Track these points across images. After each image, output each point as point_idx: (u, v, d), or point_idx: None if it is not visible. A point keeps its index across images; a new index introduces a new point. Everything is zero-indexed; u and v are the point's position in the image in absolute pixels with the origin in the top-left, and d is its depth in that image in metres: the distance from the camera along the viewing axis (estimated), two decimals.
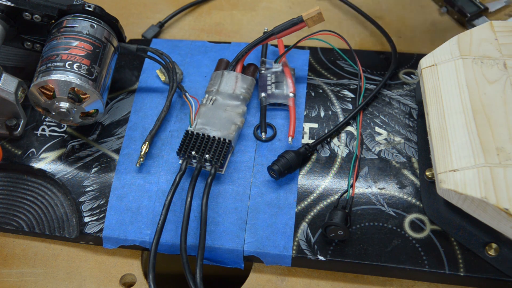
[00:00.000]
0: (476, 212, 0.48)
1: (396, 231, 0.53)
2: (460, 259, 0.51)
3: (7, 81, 0.56)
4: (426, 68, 0.54)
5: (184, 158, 0.55)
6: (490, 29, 0.55)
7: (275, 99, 0.60)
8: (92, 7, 0.57)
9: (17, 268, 0.54)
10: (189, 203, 0.52)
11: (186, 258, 0.50)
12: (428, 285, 0.52)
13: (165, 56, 0.61)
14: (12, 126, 0.59)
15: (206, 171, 0.55)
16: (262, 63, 0.61)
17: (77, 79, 0.54)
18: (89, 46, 0.56)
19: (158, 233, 0.51)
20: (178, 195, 0.55)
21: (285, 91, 0.60)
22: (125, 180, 0.57)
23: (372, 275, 0.53)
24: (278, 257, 0.53)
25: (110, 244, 0.54)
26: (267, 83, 0.60)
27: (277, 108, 0.60)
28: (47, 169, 0.58)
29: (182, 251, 0.50)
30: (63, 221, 0.56)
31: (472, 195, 0.46)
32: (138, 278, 0.54)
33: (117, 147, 0.59)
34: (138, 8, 0.72)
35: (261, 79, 0.61)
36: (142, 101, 0.62)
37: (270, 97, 0.60)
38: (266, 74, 0.61)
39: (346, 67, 0.63)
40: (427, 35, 0.69)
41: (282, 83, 0.60)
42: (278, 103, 0.60)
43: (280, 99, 0.59)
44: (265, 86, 0.60)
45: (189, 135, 0.56)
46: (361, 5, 0.72)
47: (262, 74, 0.61)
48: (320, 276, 0.53)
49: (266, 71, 0.61)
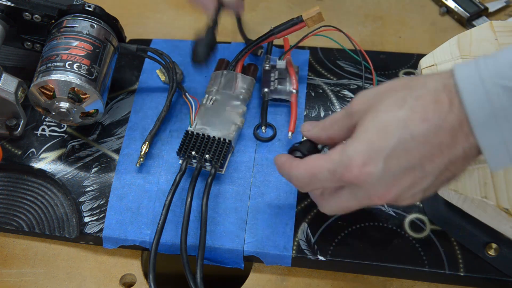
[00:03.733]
0: (476, 212, 0.48)
1: (396, 231, 0.53)
2: (460, 259, 0.51)
3: (7, 81, 0.56)
4: (426, 68, 0.54)
5: (184, 158, 0.55)
6: (490, 29, 0.55)
7: (278, 94, 0.60)
8: (92, 7, 0.57)
9: (17, 268, 0.54)
10: (189, 203, 0.52)
11: (187, 258, 0.50)
12: (428, 285, 0.52)
13: (165, 56, 0.61)
14: (12, 126, 0.59)
15: (206, 171, 0.55)
16: (266, 59, 0.61)
17: (77, 79, 0.54)
18: (89, 46, 0.56)
19: (158, 233, 0.51)
20: (178, 195, 0.55)
21: (288, 87, 0.60)
22: (125, 180, 0.57)
23: (372, 275, 0.53)
24: (278, 257, 0.53)
25: (110, 244, 0.54)
26: (270, 79, 0.60)
27: (279, 105, 0.60)
28: (47, 169, 0.58)
29: (182, 251, 0.50)
30: (63, 221, 0.56)
31: (472, 195, 0.46)
32: (138, 278, 0.54)
33: (117, 147, 0.59)
34: (138, 8, 0.72)
35: (264, 74, 0.61)
36: (142, 101, 0.62)
37: (272, 92, 0.60)
38: (270, 70, 0.61)
39: (346, 67, 0.63)
40: (427, 35, 0.69)
41: (285, 80, 0.60)
42: (280, 99, 0.60)
43: (283, 94, 0.60)
44: (268, 81, 0.60)
45: (189, 135, 0.56)
46: (361, 5, 0.72)
47: (266, 70, 0.61)
48: (320, 276, 0.53)
49: (270, 68, 0.61)
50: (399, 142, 0.39)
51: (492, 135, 0.37)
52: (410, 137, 0.39)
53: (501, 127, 0.37)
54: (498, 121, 0.36)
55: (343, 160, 0.41)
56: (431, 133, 0.38)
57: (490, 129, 0.37)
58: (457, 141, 0.38)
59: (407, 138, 0.39)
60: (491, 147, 0.38)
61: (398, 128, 0.39)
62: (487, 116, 0.37)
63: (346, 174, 0.40)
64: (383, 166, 0.39)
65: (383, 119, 0.40)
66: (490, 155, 0.38)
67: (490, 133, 0.37)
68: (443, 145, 0.38)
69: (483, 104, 0.37)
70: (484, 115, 0.37)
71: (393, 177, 0.40)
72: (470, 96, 0.37)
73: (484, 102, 0.37)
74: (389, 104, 0.40)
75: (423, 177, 0.40)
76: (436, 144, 0.38)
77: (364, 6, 0.72)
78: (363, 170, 0.40)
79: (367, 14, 0.71)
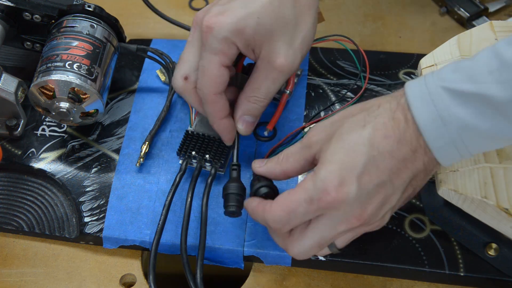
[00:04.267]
0: (476, 212, 0.48)
1: (396, 231, 0.53)
2: (460, 259, 0.51)
3: (7, 81, 0.56)
4: (426, 68, 0.54)
5: (184, 158, 0.55)
6: (490, 29, 0.55)
7: None
8: (92, 7, 0.57)
9: (17, 268, 0.54)
10: (189, 203, 0.52)
11: (187, 258, 0.50)
12: (428, 285, 0.52)
13: (165, 56, 0.61)
14: (12, 126, 0.59)
15: (206, 171, 0.55)
16: None
17: (77, 79, 0.54)
18: (89, 46, 0.56)
19: (158, 233, 0.51)
20: (178, 195, 0.55)
21: (283, 87, 0.60)
22: (125, 180, 0.57)
23: (372, 275, 0.53)
24: (278, 257, 0.53)
25: (110, 244, 0.54)
26: None
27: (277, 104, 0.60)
28: (47, 169, 0.58)
29: (182, 251, 0.50)
30: (63, 221, 0.56)
31: (472, 195, 0.46)
32: (138, 278, 0.54)
33: (117, 147, 0.59)
34: (138, 8, 0.72)
35: None
36: (142, 101, 0.62)
37: None
38: None
39: (346, 67, 0.63)
40: (427, 35, 0.69)
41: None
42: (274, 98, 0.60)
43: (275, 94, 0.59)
44: None
45: (189, 135, 0.56)
46: (361, 5, 0.72)
47: None
48: (320, 276, 0.53)
49: None
50: (369, 159, 0.40)
51: (440, 137, 0.39)
52: (378, 153, 0.40)
53: (448, 127, 0.39)
54: (444, 121, 0.39)
55: (317, 185, 0.41)
56: (395, 148, 0.40)
57: (438, 131, 0.39)
58: (417, 155, 0.40)
59: (375, 155, 0.40)
60: (441, 148, 0.40)
61: (365, 145, 0.40)
62: (434, 119, 0.39)
63: (323, 198, 0.40)
64: (357, 185, 0.40)
65: (349, 140, 0.41)
66: (440, 156, 0.40)
67: (438, 134, 0.39)
68: (407, 160, 0.40)
69: (430, 108, 0.39)
70: (431, 119, 0.39)
71: (367, 194, 0.41)
72: (418, 104, 0.39)
73: (430, 107, 0.39)
74: (351, 126, 0.42)
75: (392, 193, 0.41)
76: (401, 159, 0.40)
77: (364, 6, 0.72)
78: (340, 190, 0.40)
79: (367, 14, 0.71)
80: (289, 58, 0.49)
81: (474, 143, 0.39)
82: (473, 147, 0.40)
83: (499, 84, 0.37)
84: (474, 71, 0.38)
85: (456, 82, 0.38)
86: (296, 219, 0.42)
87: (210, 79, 0.48)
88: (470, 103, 0.38)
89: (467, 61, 0.39)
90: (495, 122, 0.38)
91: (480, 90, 0.37)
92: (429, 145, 0.40)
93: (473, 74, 0.38)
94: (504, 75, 0.36)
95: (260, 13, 0.47)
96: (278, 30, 0.48)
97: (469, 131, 0.38)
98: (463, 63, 0.39)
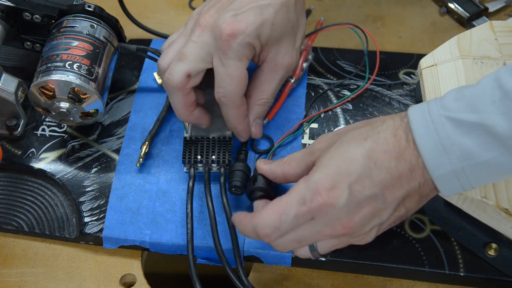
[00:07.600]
0: (476, 212, 0.48)
1: (396, 231, 0.53)
2: (460, 259, 0.51)
3: (7, 81, 0.56)
4: (426, 68, 0.54)
5: (190, 164, 0.54)
6: (490, 29, 0.55)
7: None
8: (92, 7, 0.57)
9: (17, 268, 0.54)
10: (211, 207, 0.51)
11: (226, 260, 0.49)
12: (428, 285, 0.52)
13: None
14: (12, 126, 0.59)
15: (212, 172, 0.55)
16: None
17: (77, 79, 0.54)
18: (89, 46, 0.56)
19: (190, 242, 0.51)
20: (178, 195, 0.55)
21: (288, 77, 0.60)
22: (125, 180, 0.57)
23: (372, 275, 0.53)
24: (278, 257, 0.53)
25: (110, 244, 0.54)
26: None
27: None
28: (47, 169, 0.58)
29: (219, 253, 0.50)
30: (63, 221, 0.56)
31: (472, 195, 0.46)
32: (138, 278, 0.54)
33: (117, 147, 0.59)
34: (138, 8, 0.72)
35: None
36: (142, 101, 0.62)
37: None
38: None
39: (346, 67, 0.63)
40: (427, 35, 0.69)
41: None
42: None
43: None
44: None
45: (188, 141, 0.55)
46: (361, 5, 0.72)
47: None
48: (320, 276, 0.53)
49: None
50: (365, 169, 0.41)
51: (442, 165, 0.40)
52: (375, 166, 0.41)
53: (449, 156, 0.39)
54: (446, 149, 0.39)
55: (310, 186, 0.41)
56: (392, 164, 0.41)
57: (440, 159, 0.39)
58: (414, 175, 0.41)
59: (372, 167, 0.41)
60: (442, 177, 0.40)
61: (363, 156, 0.41)
62: (436, 145, 0.39)
63: (315, 198, 0.41)
64: (348, 192, 0.41)
65: (349, 148, 0.42)
66: (442, 185, 0.41)
67: (440, 163, 0.39)
68: (402, 178, 0.41)
69: (431, 134, 0.39)
70: (432, 144, 0.39)
71: (357, 204, 0.41)
72: (421, 131, 0.40)
73: (433, 135, 0.39)
74: (353, 137, 0.43)
75: (383, 208, 0.42)
76: (397, 176, 0.41)
77: (364, 6, 0.72)
78: (331, 194, 0.41)
79: (367, 14, 0.71)
80: (294, 58, 0.54)
81: (476, 173, 0.39)
82: (475, 178, 0.40)
83: (502, 115, 0.37)
84: (477, 100, 0.38)
85: (459, 111, 0.39)
86: (286, 222, 0.42)
87: (240, 83, 0.51)
88: (473, 133, 0.38)
89: (470, 88, 0.39)
90: (497, 152, 0.38)
91: (483, 121, 0.38)
92: (430, 173, 0.40)
93: (476, 103, 0.38)
94: (507, 106, 0.37)
95: (274, 19, 0.50)
96: (285, 34, 0.52)
97: (470, 160, 0.39)
98: (466, 91, 0.39)
